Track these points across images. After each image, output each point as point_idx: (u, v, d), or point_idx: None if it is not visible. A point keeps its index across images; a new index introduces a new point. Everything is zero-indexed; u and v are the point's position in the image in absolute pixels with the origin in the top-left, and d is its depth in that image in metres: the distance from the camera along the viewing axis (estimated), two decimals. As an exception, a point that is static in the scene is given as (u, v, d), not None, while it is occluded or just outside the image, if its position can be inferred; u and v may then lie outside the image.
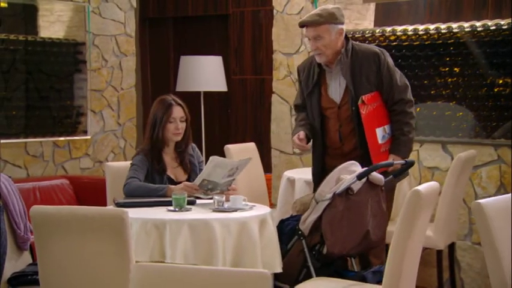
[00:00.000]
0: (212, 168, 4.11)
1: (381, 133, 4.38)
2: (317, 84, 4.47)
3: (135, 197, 4.22)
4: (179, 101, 4.51)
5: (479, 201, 3.15)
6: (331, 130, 4.48)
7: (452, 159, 5.25)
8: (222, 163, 4.12)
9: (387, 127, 4.42)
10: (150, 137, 4.44)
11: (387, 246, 3.99)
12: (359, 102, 4.32)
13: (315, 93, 4.47)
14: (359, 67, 4.37)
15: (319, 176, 4.50)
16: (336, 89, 4.44)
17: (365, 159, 4.33)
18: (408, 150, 4.44)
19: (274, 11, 6.46)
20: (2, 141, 5.99)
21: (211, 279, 2.16)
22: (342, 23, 4.38)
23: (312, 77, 4.47)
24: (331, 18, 4.34)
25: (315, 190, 4.49)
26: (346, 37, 4.43)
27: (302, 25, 4.42)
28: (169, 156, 4.47)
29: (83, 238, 3.29)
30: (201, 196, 4.21)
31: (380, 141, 4.38)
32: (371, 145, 4.36)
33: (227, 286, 2.14)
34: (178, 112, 4.45)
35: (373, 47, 4.53)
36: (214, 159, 4.10)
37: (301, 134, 4.45)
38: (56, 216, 3.28)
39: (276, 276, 4.15)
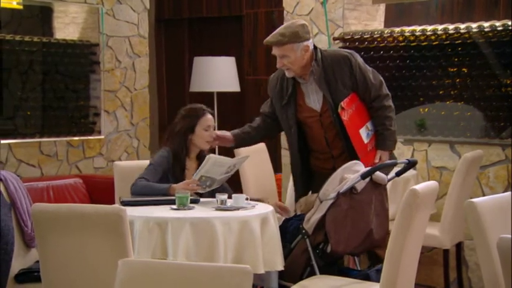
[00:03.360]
0: (210, 166, 4.18)
1: (365, 132, 4.42)
2: (292, 95, 4.48)
3: (142, 195, 4.28)
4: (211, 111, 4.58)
5: (473, 199, 3.18)
6: (316, 137, 4.51)
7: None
8: (219, 161, 4.19)
9: (369, 124, 4.46)
10: (179, 142, 4.44)
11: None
12: (339, 109, 4.34)
13: (291, 104, 4.48)
14: (332, 74, 4.39)
15: (304, 180, 4.56)
16: (314, 98, 4.45)
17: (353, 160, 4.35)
18: (393, 143, 4.51)
19: (285, 12, 6.51)
20: (17, 140, 6.10)
21: (194, 275, 2.22)
22: (308, 39, 4.36)
23: (287, 89, 4.49)
24: (294, 38, 4.32)
25: (298, 195, 4.54)
26: (314, 47, 4.42)
27: (266, 44, 4.41)
28: (191, 162, 4.51)
29: (82, 235, 3.36)
30: (199, 191, 4.29)
31: (365, 141, 4.42)
32: (357, 147, 4.39)
33: (209, 281, 2.20)
34: (212, 121, 4.51)
35: (341, 50, 4.59)
36: (211, 157, 4.18)
37: (228, 135, 4.56)
38: (56, 214, 3.36)
39: (280, 275, 4.19)
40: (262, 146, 6.18)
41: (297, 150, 4.53)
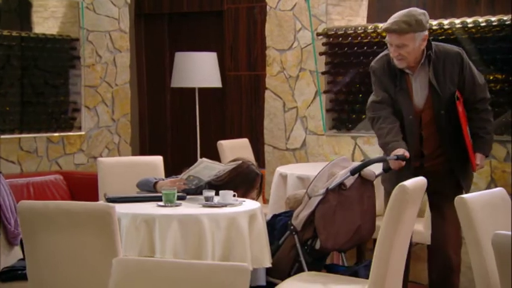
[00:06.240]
0: (200, 168, 4.18)
1: (469, 131, 4.23)
2: (405, 86, 4.23)
3: (141, 188, 4.35)
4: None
5: (463, 195, 3.18)
6: (411, 133, 4.25)
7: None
8: (210, 166, 4.19)
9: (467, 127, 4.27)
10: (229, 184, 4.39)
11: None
12: (456, 99, 4.12)
13: (403, 96, 4.23)
14: (442, 69, 4.19)
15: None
16: (418, 93, 4.24)
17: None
18: (491, 148, 4.33)
19: (268, 7, 6.48)
20: (-4, 137, 6.03)
21: (191, 273, 2.19)
22: (427, 29, 4.15)
23: (395, 81, 4.24)
24: (418, 27, 4.08)
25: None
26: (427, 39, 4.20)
27: (387, 31, 4.16)
28: None
29: (70, 233, 3.31)
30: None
31: (470, 138, 4.22)
32: (468, 143, 4.17)
33: (207, 280, 2.17)
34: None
35: (453, 46, 4.29)
36: (203, 161, 4.17)
37: (407, 154, 4.13)
38: (43, 211, 3.31)
39: (268, 271, 4.18)
40: (245, 141, 6.16)
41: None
